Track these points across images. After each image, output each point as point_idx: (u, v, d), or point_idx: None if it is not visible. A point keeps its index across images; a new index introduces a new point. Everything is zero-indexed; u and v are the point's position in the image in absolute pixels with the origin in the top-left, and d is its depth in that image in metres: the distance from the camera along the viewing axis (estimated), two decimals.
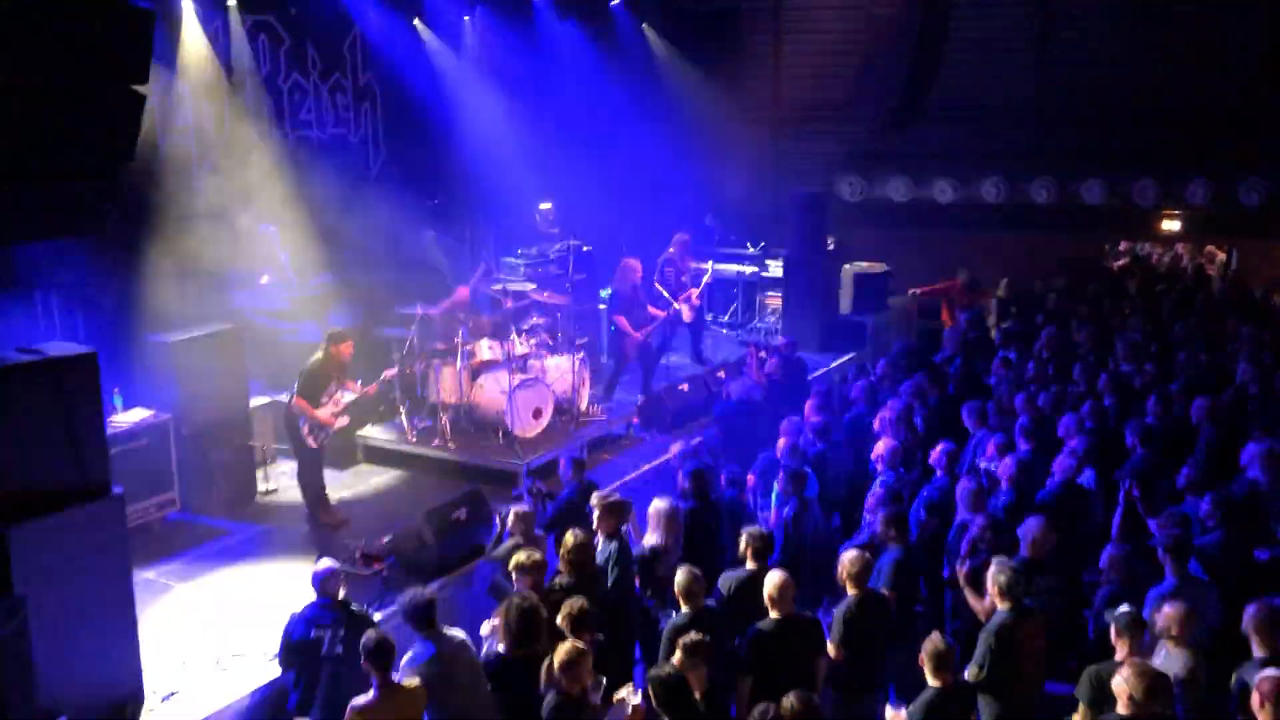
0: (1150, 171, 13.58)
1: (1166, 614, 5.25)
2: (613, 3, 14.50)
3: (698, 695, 5.15)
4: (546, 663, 5.22)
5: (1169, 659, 5.17)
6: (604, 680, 5.32)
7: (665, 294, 11.48)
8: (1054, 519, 6.36)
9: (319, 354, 8.48)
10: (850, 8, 14.48)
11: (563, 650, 5.06)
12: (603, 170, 13.90)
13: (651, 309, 11.32)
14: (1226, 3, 13.42)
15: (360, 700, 5.13)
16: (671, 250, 11.96)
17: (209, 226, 10.28)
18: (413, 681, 5.26)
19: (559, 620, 5.54)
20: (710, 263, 12.31)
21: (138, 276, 9.28)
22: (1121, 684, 4.69)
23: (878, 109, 13.34)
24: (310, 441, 8.46)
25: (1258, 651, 5.09)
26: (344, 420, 8.71)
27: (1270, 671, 4.68)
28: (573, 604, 5.58)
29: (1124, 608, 5.30)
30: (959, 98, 14.49)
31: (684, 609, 5.93)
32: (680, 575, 6.02)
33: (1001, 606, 5.67)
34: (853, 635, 5.89)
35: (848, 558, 6.10)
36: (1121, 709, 4.69)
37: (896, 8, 12.68)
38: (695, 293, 11.87)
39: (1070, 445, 7.62)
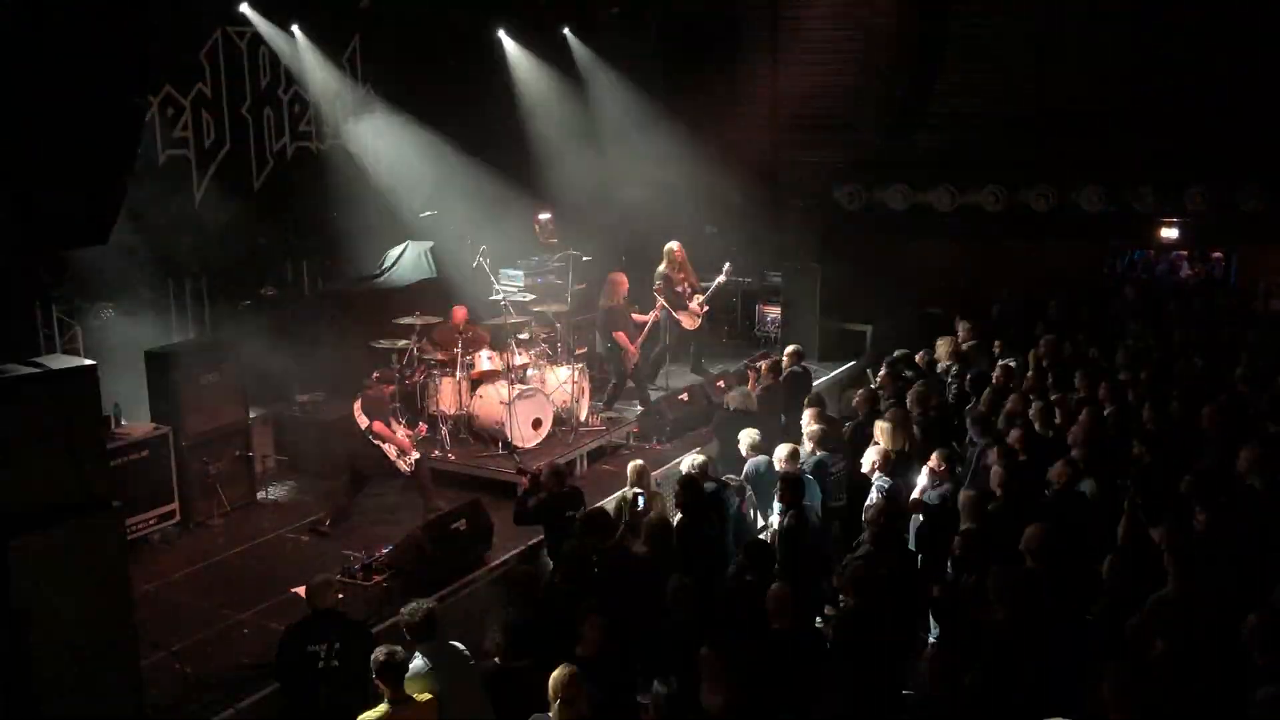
0: (1149, 179, 13.58)
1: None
2: (610, 10, 14.53)
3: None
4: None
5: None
6: None
7: (659, 299, 11.45)
8: (1053, 527, 6.34)
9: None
10: (847, 16, 14.50)
11: (559, 673, 5.05)
12: (602, 180, 13.92)
13: (637, 317, 11.30)
14: (1224, 10, 13.43)
15: (372, 714, 5.11)
16: (665, 263, 11.90)
17: (209, 239, 10.31)
18: (425, 695, 5.25)
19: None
20: (727, 266, 12.23)
21: (138, 289, 9.29)
22: (1106, 690, 4.70)
23: (876, 117, 13.35)
24: (403, 466, 8.68)
25: (1259, 661, 5.07)
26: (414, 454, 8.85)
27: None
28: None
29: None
30: (957, 106, 14.50)
31: (682, 616, 5.94)
32: (672, 583, 6.04)
33: (1000, 614, 5.66)
34: (854, 645, 5.87)
35: (848, 567, 6.09)
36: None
37: (894, 16, 12.71)
38: (701, 300, 11.83)
39: (1071, 453, 7.62)
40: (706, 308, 12.00)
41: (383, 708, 5.12)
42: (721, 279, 12.06)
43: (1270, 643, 5.04)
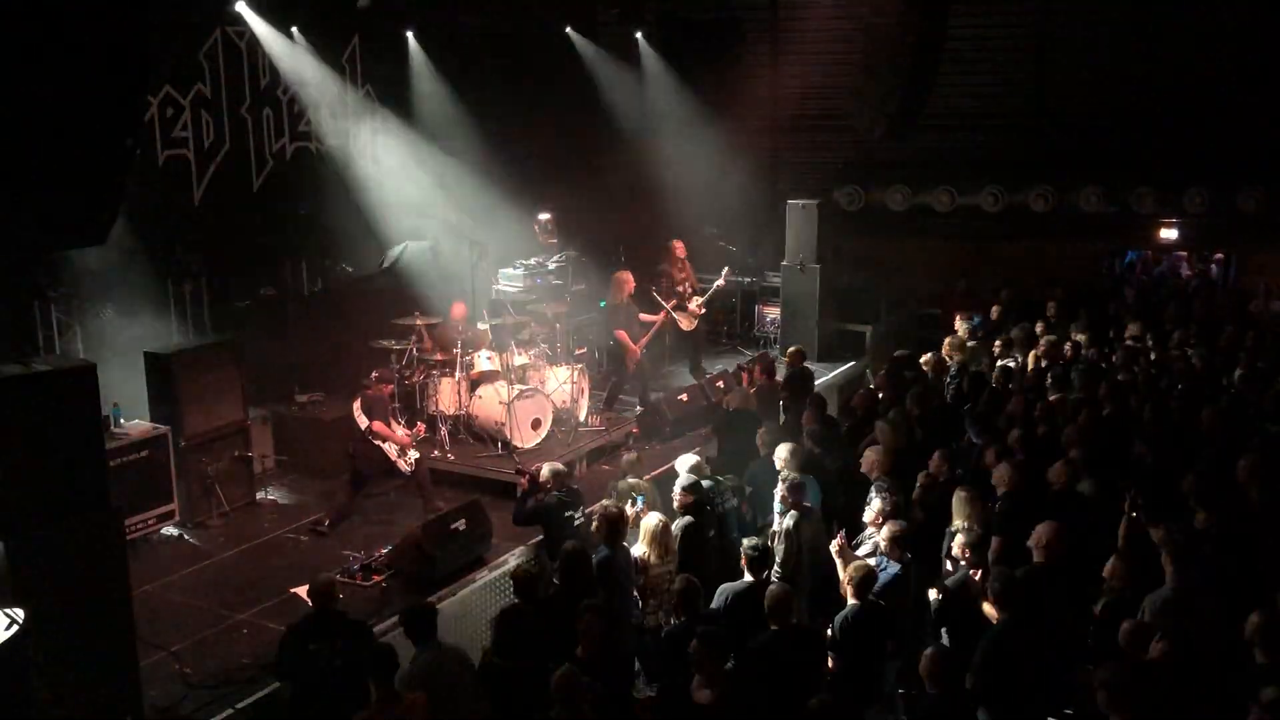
0: (1148, 180, 13.61)
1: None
2: (610, 11, 14.54)
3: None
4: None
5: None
6: None
7: (661, 302, 11.48)
8: (1063, 526, 6.34)
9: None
10: (847, 17, 14.52)
11: (560, 674, 5.04)
12: (602, 180, 13.92)
13: (644, 316, 11.32)
14: (1223, 12, 13.45)
15: (363, 713, 5.11)
16: (666, 260, 11.95)
17: (208, 238, 10.31)
18: (417, 694, 5.24)
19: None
20: (725, 270, 12.24)
21: (137, 288, 9.28)
22: (1104, 691, 4.71)
23: (876, 118, 13.35)
24: (403, 466, 8.68)
25: (1260, 659, 5.07)
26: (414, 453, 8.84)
27: None
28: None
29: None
30: (957, 107, 14.53)
31: (682, 618, 5.94)
32: (678, 584, 6.05)
33: (1000, 615, 5.67)
34: (853, 646, 5.87)
35: (851, 568, 6.09)
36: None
37: (893, 17, 12.69)
38: (699, 301, 11.83)
39: (1070, 453, 7.62)
40: (704, 309, 12.01)
41: (374, 706, 5.12)
42: (720, 283, 12.05)
43: (1273, 642, 5.03)
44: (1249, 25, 13.33)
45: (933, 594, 6.33)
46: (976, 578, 6.13)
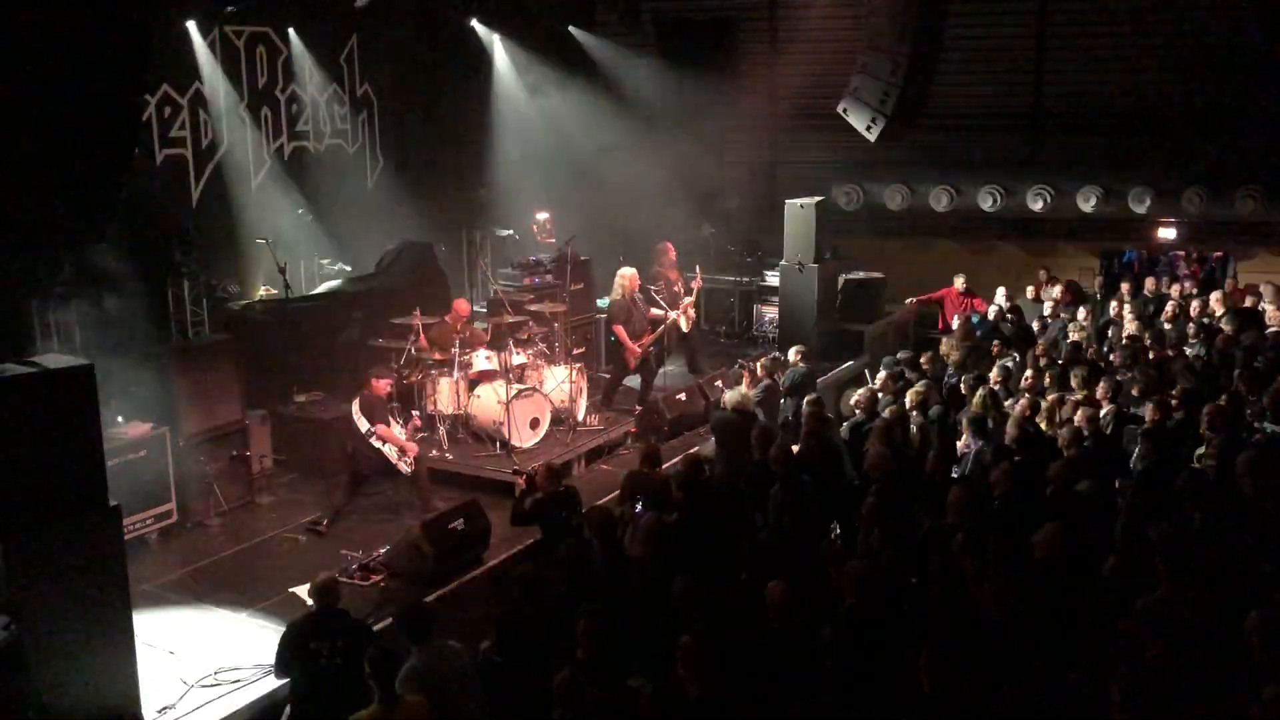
0: (1146, 180, 13.63)
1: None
2: (609, 11, 14.55)
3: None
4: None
5: None
6: None
7: (665, 306, 11.50)
8: (1067, 526, 6.33)
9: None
10: (845, 16, 14.54)
11: (561, 676, 5.04)
12: (600, 179, 13.93)
13: (653, 312, 11.32)
14: (1222, 13, 13.48)
15: (361, 714, 5.10)
16: (657, 262, 11.95)
17: (207, 237, 10.31)
18: (416, 696, 5.24)
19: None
20: (698, 269, 12.25)
21: (135, 288, 9.28)
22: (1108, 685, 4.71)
23: (874, 117, 13.37)
24: (403, 467, 8.63)
25: (1261, 659, 5.07)
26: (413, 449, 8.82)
27: None
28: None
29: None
30: (955, 106, 14.55)
31: (682, 618, 5.93)
32: (677, 585, 6.04)
33: (997, 615, 5.66)
34: (850, 645, 5.87)
35: (847, 568, 6.09)
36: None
37: (892, 16, 12.72)
38: (690, 303, 11.84)
39: (1068, 453, 7.62)
40: (696, 308, 12.02)
41: (373, 708, 5.11)
42: (697, 282, 11.98)
43: (1272, 640, 5.03)
44: (1247, 25, 13.35)
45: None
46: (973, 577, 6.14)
